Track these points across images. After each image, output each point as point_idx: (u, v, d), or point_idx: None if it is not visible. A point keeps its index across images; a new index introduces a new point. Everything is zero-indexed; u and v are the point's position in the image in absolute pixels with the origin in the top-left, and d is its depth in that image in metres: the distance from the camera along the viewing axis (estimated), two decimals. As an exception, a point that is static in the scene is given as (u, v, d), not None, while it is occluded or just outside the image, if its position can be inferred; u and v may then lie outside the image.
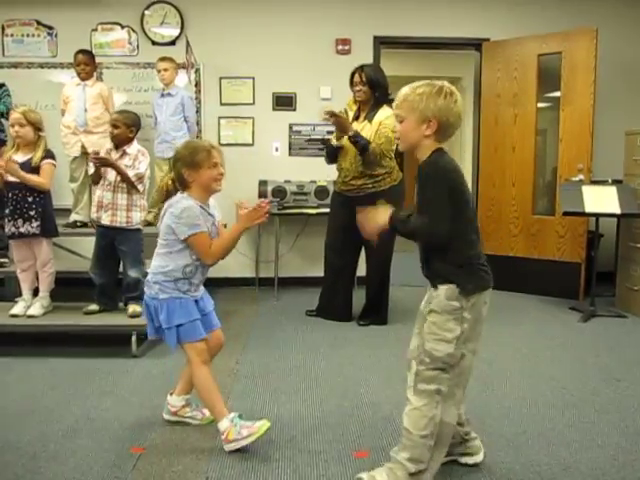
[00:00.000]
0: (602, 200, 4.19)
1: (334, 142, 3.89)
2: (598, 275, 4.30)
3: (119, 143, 3.41)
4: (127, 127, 3.39)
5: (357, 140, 3.65)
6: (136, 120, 3.48)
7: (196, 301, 2.32)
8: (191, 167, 2.25)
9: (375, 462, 2.11)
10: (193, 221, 2.21)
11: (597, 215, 4.23)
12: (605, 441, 2.29)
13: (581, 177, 4.59)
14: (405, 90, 1.93)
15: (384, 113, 3.70)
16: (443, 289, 1.90)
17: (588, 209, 4.18)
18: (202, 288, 2.39)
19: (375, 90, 3.74)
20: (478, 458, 2.12)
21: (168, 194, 2.35)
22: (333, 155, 3.97)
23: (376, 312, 4.01)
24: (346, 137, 3.75)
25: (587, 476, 2.03)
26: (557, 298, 4.67)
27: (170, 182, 2.36)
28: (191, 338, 2.25)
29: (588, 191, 4.25)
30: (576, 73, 4.66)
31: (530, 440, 2.30)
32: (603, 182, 4.46)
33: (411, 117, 1.89)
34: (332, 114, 3.66)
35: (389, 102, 3.70)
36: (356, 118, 3.88)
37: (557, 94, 4.82)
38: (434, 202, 1.85)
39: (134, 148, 3.43)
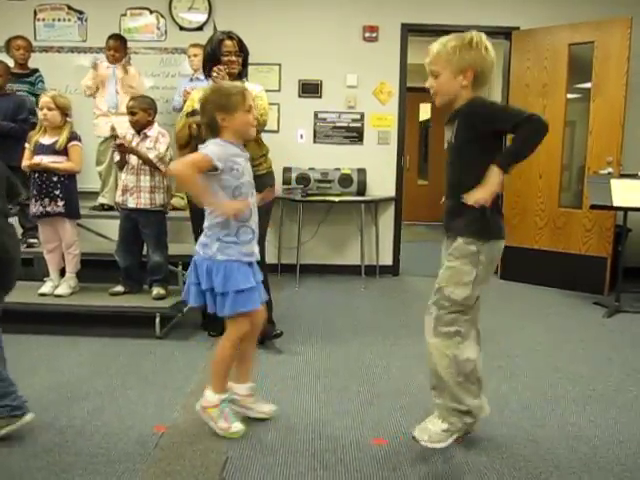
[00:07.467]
0: (631, 194, 4.11)
1: None
2: (624, 270, 4.22)
3: (140, 128, 3.48)
4: (145, 111, 3.46)
5: None
6: (151, 103, 3.54)
7: (251, 266, 2.19)
8: (226, 110, 2.09)
9: (394, 449, 2.13)
10: (211, 149, 2.06)
11: (625, 209, 4.16)
12: (627, 438, 2.26)
13: (610, 170, 4.50)
14: (436, 46, 1.99)
15: (255, 86, 3.21)
16: (462, 238, 1.99)
17: (616, 203, 4.10)
18: (257, 251, 2.24)
19: (245, 60, 3.22)
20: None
21: (195, 139, 2.09)
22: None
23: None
24: None
25: (607, 472, 2.01)
26: (582, 293, 4.60)
27: (195, 126, 2.11)
28: (245, 307, 2.14)
29: (617, 185, 4.16)
30: (608, 63, 4.55)
31: (550, 434, 2.28)
32: (633, 176, 4.37)
33: (447, 70, 1.97)
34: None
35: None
36: None
37: (587, 85, 4.71)
38: (503, 109, 2.10)
39: (154, 130, 3.49)
